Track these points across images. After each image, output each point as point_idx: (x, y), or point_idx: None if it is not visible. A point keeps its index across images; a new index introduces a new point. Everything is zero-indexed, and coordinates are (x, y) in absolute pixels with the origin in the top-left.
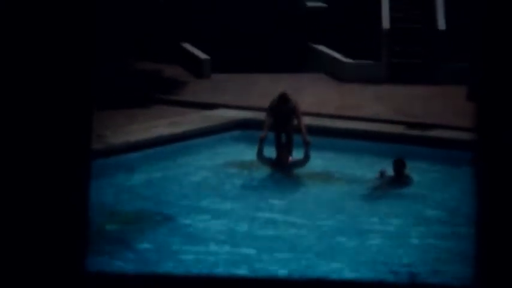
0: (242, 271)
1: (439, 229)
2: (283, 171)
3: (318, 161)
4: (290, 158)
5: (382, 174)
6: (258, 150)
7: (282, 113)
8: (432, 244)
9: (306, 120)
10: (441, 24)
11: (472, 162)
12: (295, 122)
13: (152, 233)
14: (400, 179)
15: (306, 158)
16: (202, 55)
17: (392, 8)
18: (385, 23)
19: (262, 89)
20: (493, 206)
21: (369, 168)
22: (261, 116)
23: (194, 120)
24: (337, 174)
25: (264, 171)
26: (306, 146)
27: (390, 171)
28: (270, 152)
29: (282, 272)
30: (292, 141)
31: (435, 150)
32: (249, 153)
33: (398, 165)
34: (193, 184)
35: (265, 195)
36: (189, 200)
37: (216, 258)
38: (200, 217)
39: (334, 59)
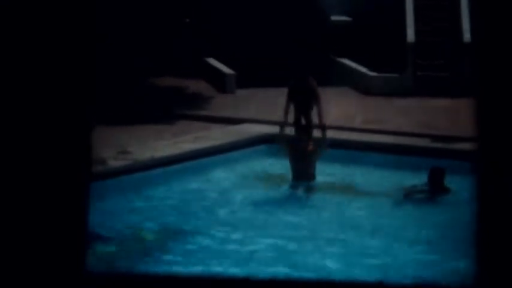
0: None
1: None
2: (302, 162)
3: (343, 175)
4: (310, 146)
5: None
6: (278, 134)
7: (301, 94)
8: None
9: (331, 134)
10: (467, 37)
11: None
12: (314, 107)
13: (177, 248)
14: (435, 190)
15: (324, 142)
16: (226, 70)
17: (417, 21)
18: (410, 37)
19: None
20: (494, 210)
21: (395, 182)
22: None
23: (219, 135)
24: (362, 187)
25: (289, 186)
26: (323, 129)
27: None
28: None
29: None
30: (311, 125)
31: (459, 163)
32: (274, 168)
33: (436, 175)
34: (218, 199)
35: (290, 209)
36: (214, 215)
37: (243, 269)
38: (225, 231)
39: (359, 72)
